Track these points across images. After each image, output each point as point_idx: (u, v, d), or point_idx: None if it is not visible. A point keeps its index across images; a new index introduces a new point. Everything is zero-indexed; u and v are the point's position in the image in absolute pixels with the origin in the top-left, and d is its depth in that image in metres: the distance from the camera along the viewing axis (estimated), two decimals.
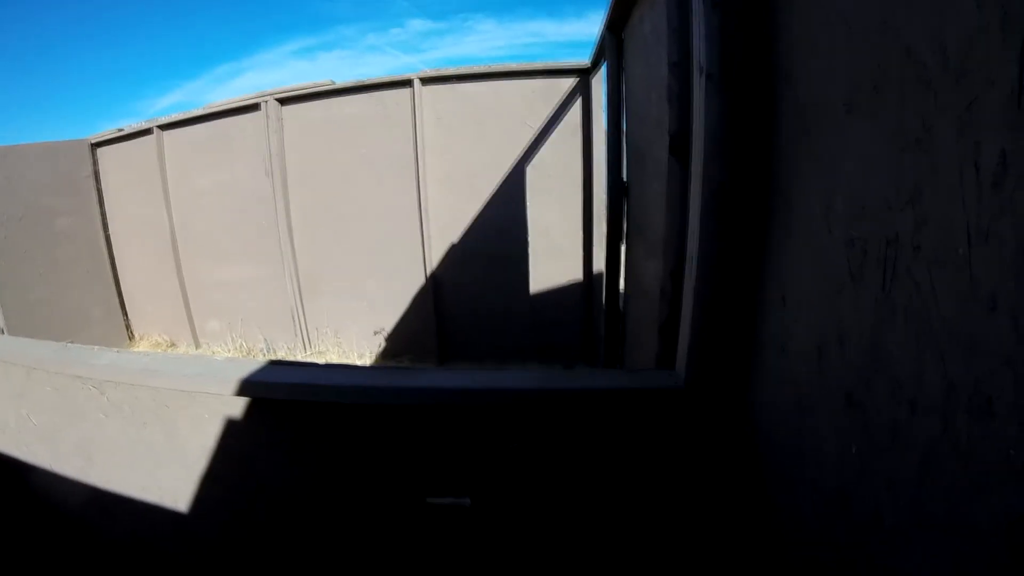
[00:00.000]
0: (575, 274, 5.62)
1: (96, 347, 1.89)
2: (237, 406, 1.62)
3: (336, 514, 1.69)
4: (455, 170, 5.41)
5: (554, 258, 5.56)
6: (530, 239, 5.53)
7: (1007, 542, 0.52)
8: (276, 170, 5.54)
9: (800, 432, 0.99)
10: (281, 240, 5.72)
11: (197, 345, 6.46)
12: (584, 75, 5.14)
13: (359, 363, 5.82)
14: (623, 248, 3.71)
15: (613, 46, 3.36)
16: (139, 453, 1.78)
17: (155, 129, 5.93)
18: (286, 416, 1.61)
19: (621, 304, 3.91)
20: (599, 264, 5.44)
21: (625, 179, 3.52)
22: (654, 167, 2.45)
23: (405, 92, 5.22)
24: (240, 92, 5.90)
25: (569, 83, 5.20)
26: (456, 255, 5.60)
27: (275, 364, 1.68)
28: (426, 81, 5.18)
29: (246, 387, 1.55)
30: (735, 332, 1.26)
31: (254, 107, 5.47)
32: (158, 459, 1.77)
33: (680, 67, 1.56)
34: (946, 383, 0.61)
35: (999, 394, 0.53)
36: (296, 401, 1.56)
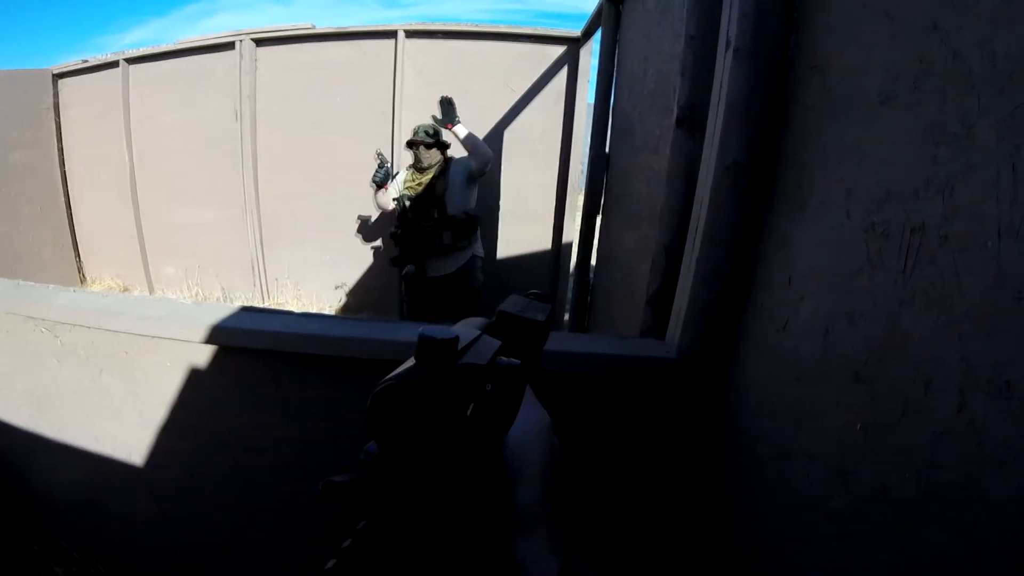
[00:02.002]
0: (545, 242, 5.61)
1: (51, 286, 1.76)
2: (205, 353, 1.52)
3: (307, 470, 1.59)
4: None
5: (525, 225, 5.54)
6: (502, 203, 5.49)
7: (1021, 511, 0.57)
8: (246, 112, 5.36)
9: (798, 406, 1.03)
10: (245, 185, 5.54)
11: (151, 290, 6.21)
12: (573, 45, 5.10)
13: None
14: (598, 220, 3.72)
15: (611, 17, 3.36)
16: (95, 402, 1.67)
17: (122, 62, 5.66)
18: (258, 365, 1.51)
19: (591, 274, 3.91)
20: (570, 234, 5.51)
21: (607, 151, 3.55)
22: (644, 140, 2.47)
23: (388, 43, 5.11)
24: (211, 33, 5.69)
25: (557, 51, 5.15)
26: None
27: (247, 310, 1.58)
28: (411, 34, 5.08)
29: (217, 334, 1.45)
30: (730, 307, 1.28)
31: (228, 46, 5.27)
32: (116, 408, 1.66)
33: (698, 41, 1.57)
34: (965, 365, 0.66)
35: (1019, 378, 0.58)
36: (269, 351, 1.46)
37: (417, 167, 4.26)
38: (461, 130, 3.98)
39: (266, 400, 1.55)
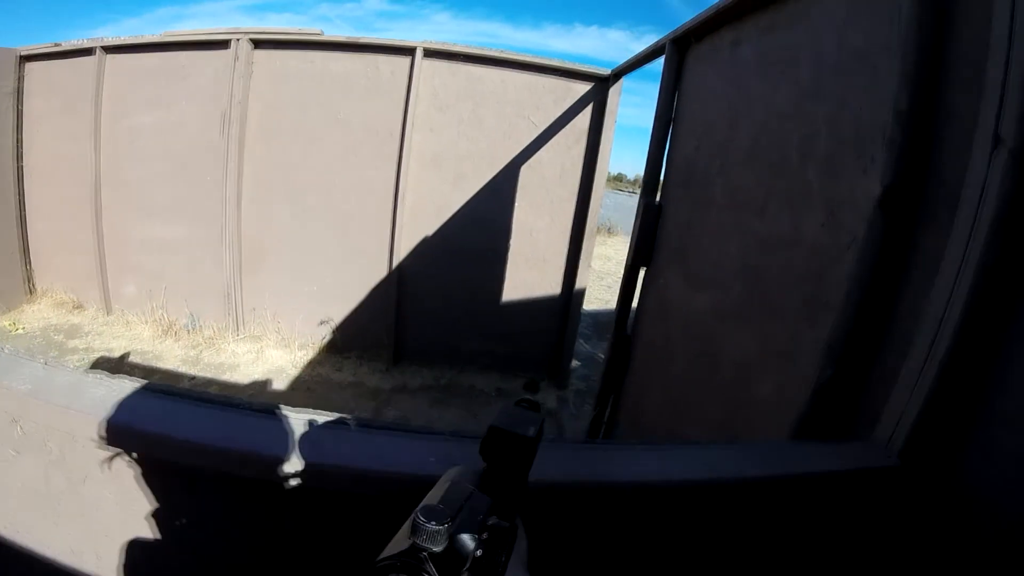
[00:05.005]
0: (554, 287, 5.32)
1: (7, 349, 1.21)
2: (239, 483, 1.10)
3: None
4: (443, 155, 4.88)
5: (535, 267, 5.23)
6: (512, 243, 5.14)
7: None
8: (235, 120, 4.80)
9: None
10: (227, 202, 4.95)
11: (109, 311, 5.52)
12: (601, 83, 4.84)
13: (299, 354, 5.09)
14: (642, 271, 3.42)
15: (674, 59, 3.10)
16: (72, 509, 1.18)
17: (98, 50, 5.06)
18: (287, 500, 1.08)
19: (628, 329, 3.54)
20: (583, 281, 5.28)
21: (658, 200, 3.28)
22: (733, 198, 2.36)
23: (403, 60, 4.64)
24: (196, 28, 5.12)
25: (584, 88, 4.87)
26: (429, 248, 5.05)
27: (325, 429, 1.13)
28: (430, 53, 4.63)
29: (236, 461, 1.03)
30: (960, 410, 1.18)
31: (222, 44, 4.73)
32: (104, 523, 1.17)
33: (908, 116, 1.43)
34: None
35: None
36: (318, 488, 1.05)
37: None
38: None
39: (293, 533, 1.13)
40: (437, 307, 5.19)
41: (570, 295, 5.28)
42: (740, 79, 2.44)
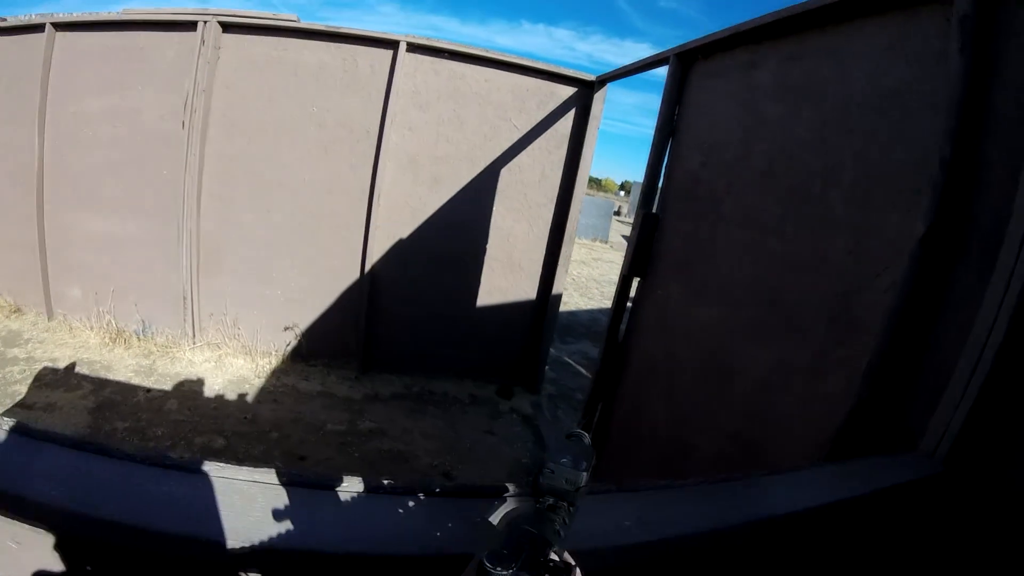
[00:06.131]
0: (530, 292, 5.23)
1: None
2: None
3: None
4: (421, 156, 4.68)
5: (511, 272, 5.12)
6: (489, 248, 5.01)
7: None
8: (198, 109, 4.46)
9: None
10: (185, 198, 4.60)
11: (50, 315, 5.04)
12: (586, 88, 4.78)
13: (261, 362, 4.77)
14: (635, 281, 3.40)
15: (677, 74, 3.12)
16: None
17: (48, 26, 4.61)
18: None
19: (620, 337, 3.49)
20: (560, 287, 5.22)
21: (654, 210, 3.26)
22: (746, 217, 2.42)
23: (385, 54, 4.43)
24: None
25: (568, 92, 4.79)
26: (403, 251, 4.85)
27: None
28: (413, 48, 4.43)
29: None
30: (1000, 418, 1.31)
31: (188, 25, 4.38)
32: None
33: (950, 165, 1.56)
34: None
35: None
36: None
37: None
38: None
39: None
40: (409, 313, 4.99)
41: (546, 300, 5.20)
42: (754, 101, 2.48)
